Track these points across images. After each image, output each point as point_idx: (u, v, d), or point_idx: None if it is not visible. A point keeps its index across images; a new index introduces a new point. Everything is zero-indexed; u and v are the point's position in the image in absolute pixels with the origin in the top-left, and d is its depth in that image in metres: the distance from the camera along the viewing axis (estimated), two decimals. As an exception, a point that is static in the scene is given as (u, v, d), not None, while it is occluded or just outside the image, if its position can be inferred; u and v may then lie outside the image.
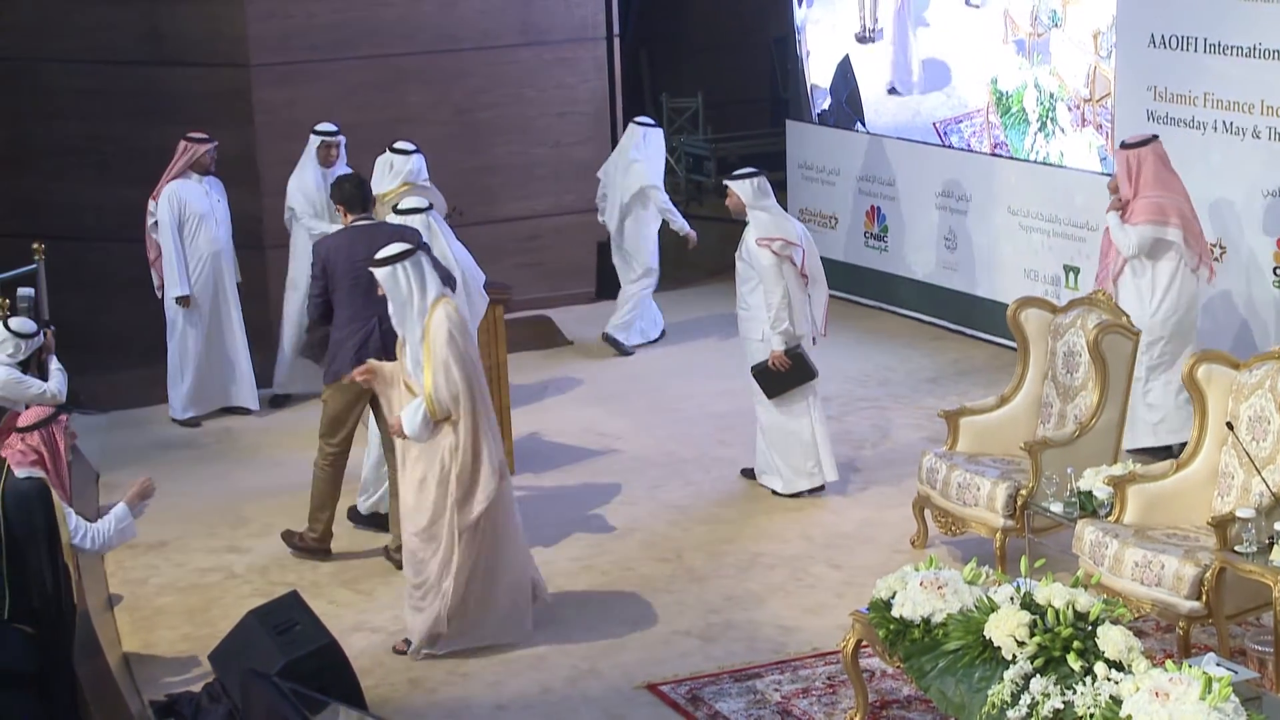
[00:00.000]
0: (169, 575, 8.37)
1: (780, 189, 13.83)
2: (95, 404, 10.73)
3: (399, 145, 10.02)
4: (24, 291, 9.33)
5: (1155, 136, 9.05)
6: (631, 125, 11.67)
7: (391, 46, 11.89)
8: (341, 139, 10.49)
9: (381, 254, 7.25)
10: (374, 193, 9.90)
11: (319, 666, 6.60)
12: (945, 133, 11.74)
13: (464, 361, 7.17)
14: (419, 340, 7.21)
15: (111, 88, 11.75)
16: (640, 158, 11.54)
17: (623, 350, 11.66)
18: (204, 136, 10.27)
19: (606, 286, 12.50)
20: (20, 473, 6.99)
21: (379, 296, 7.69)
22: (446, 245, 8.64)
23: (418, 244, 7.46)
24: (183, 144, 10.24)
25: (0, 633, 6.94)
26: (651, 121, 11.75)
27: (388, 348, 8.06)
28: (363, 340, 8.26)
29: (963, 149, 11.63)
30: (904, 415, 10.20)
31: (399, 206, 8.75)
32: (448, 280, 8.16)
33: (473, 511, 7.24)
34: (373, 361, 7.62)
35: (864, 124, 12.37)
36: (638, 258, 11.69)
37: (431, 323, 7.17)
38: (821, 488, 8.99)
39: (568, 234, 12.74)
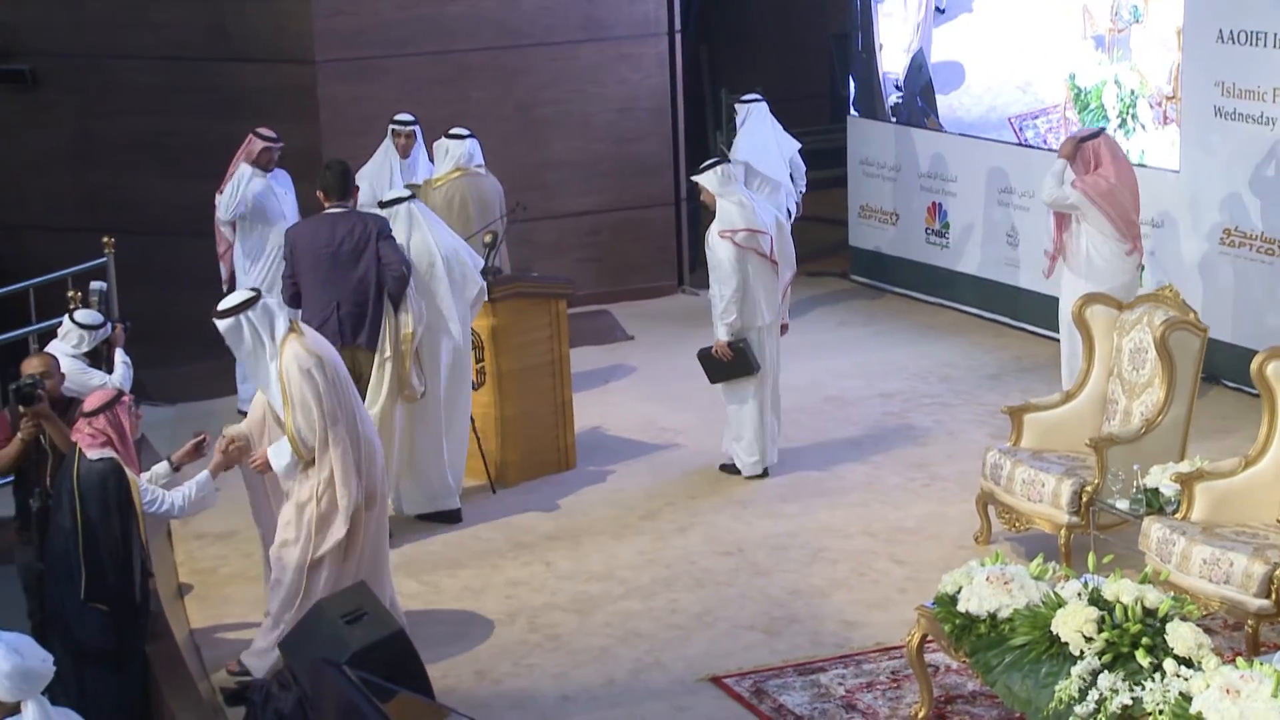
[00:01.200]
0: (237, 565, 8.46)
1: (840, 185, 13.88)
2: (163, 396, 10.85)
3: (454, 131, 10.20)
4: (96, 285, 9.43)
5: (1103, 129, 9.73)
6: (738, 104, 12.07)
7: (455, 43, 11.97)
8: (413, 129, 10.58)
9: (222, 305, 7.08)
10: (430, 176, 10.07)
11: (388, 656, 6.64)
12: (1020, 128, 11.64)
13: (324, 395, 6.98)
14: (275, 381, 7.06)
15: (179, 83, 11.88)
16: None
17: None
18: (271, 135, 10.36)
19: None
20: (92, 455, 7.11)
21: (338, 281, 8.27)
22: (429, 233, 8.78)
23: (258, 293, 7.16)
24: (249, 137, 10.36)
25: (77, 612, 7.08)
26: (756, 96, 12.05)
27: (344, 332, 8.50)
28: (322, 322, 8.50)
29: (1024, 144, 11.56)
30: (966, 411, 10.19)
31: (382, 200, 8.98)
32: (398, 273, 8.45)
33: (321, 548, 7.12)
34: (230, 430, 7.41)
35: (937, 117, 12.29)
36: None
37: (282, 364, 7.01)
38: (764, 474, 9.26)
39: (629, 229, 12.79)
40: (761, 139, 11.99)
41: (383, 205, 8.89)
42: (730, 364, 9.11)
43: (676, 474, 9.44)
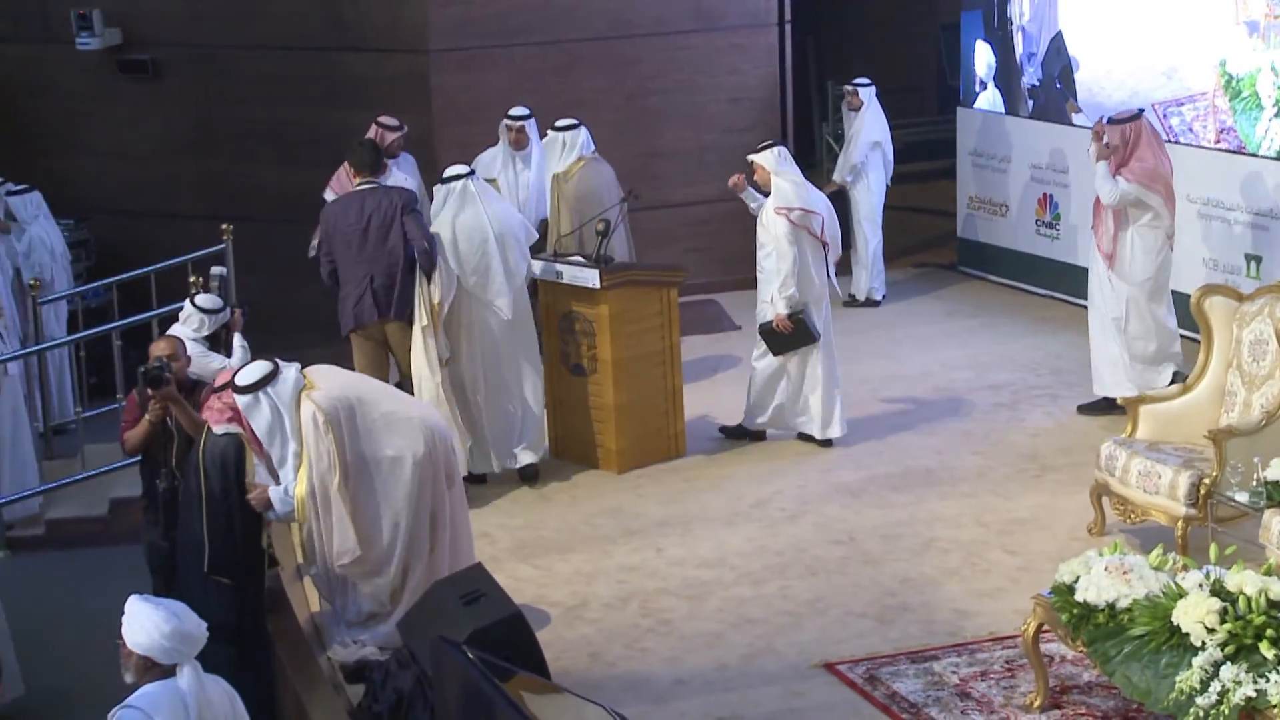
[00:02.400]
0: (353, 546, 8.58)
1: (949, 176, 13.82)
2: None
3: (563, 122, 10.35)
4: (217, 270, 9.62)
5: (1141, 111, 9.68)
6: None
7: (566, 33, 12.06)
8: (524, 123, 10.69)
9: (241, 380, 7.03)
10: (555, 170, 10.17)
11: (505, 636, 6.72)
12: (1165, 114, 11.46)
13: (348, 445, 6.97)
14: (291, 444, 7.05)
15: (295, 73, 12.07)
16: None
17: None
18: (394, 123, 10.54)
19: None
20: (218, 429, 7.24)
21: (371, 256, 8.65)
22: (483, 210, 9.06)
23: (275, 365, 7.08)
24: (373, 125, 10.53)
25: (201, 585, 7.23)
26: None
27: (379, 305, 8.95)
28: (357, 298, 8.99)
29: (1168, 133, 11.36)
30: (1077, 403, 10.11)
31: (443, 175, 9.23)
32: (421, 246, 8.78)
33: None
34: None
35: (1076, 100, 12.11)
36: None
37: (300, 422, 6.99)
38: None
39: (737, 220, 12.72)
40: (882, 121, 12.33)
41: (442, 181, 9.19)
42: (792, 336, 9.38)
43: (786, 463, 9.46)
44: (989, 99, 12.90)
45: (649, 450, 9.49)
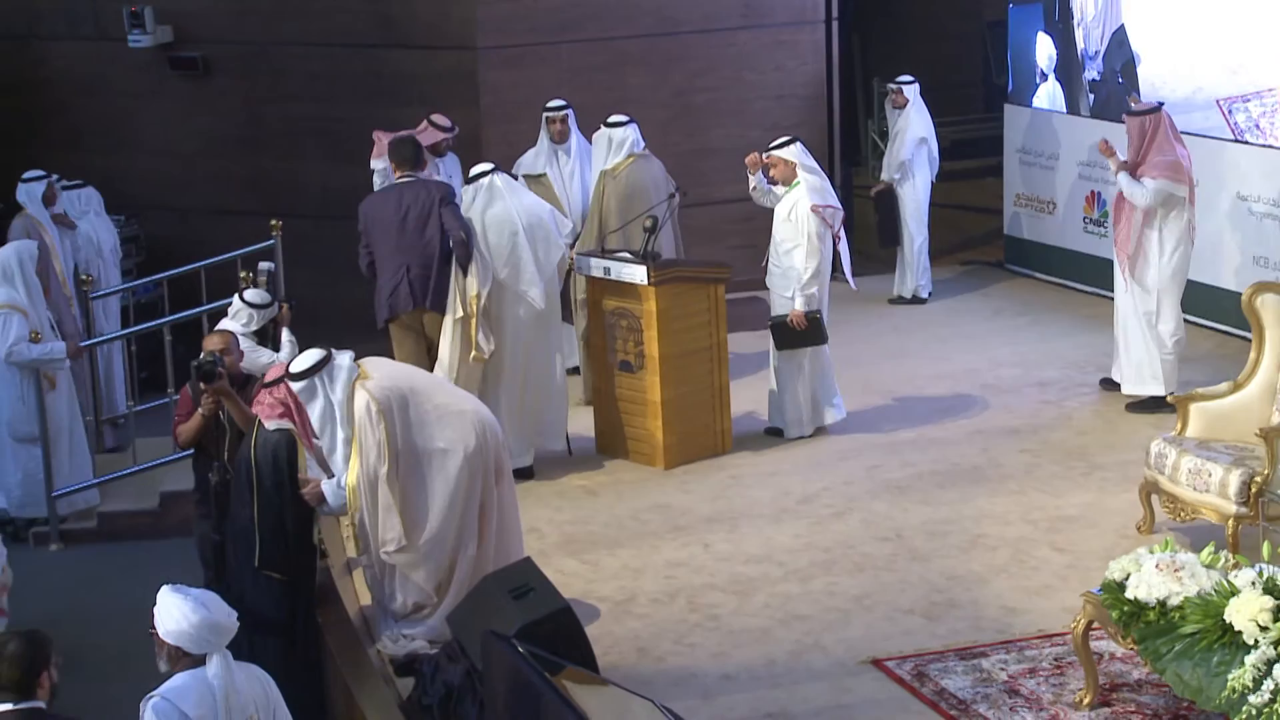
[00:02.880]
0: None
1: (994, 174, 13.78)
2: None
3: (614, 119, 10.36)
4: (265, 265, 9.70)
5: (1161, 104, 9.81)
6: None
7: (613, 29, 12.08)
8: (564, 114, 10.73)
9: (295, 368, 7.12)
10: (604, 167, 10.19)
11: (554, 630, 6.76)
12: (1230, 110, 11.35)
13: (400, 436, 7.04)
14: (342, 434, 7.15)
15: (342, 70, 12.14)
16: None
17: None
18: (447, 124, 10.60)
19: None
20: (270, 425, 7.30)
21: (408, 247, 8.83)
22: (511, 204, 9.20)
23: (329, 353, 7.17)
24: (424, 123, 10.59)
25: (253, 579, 7.29)
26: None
27: (415, 295, 9.08)
28: (393, 288, 9.12)
29: (1233, 131, 11.27)
30: (1125, 401, 10.07)
31: (469, 174, 9.37)
32: (458, 238, 8.93)
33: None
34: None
35: (1139, 95, 12.03)
36: None
37: (354, 412, 7.06)
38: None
39: (783, 217, 12.78)
40: (927, 119, 12.35)
41: (468, 180, 9.32)
42: (804, 333, 9.51)
43: (832, 460, 9.46)
44: (1049, 91, 12.82)
45: (696, 446, 9.50)
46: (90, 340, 10.62)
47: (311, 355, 7.14)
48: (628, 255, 9.50)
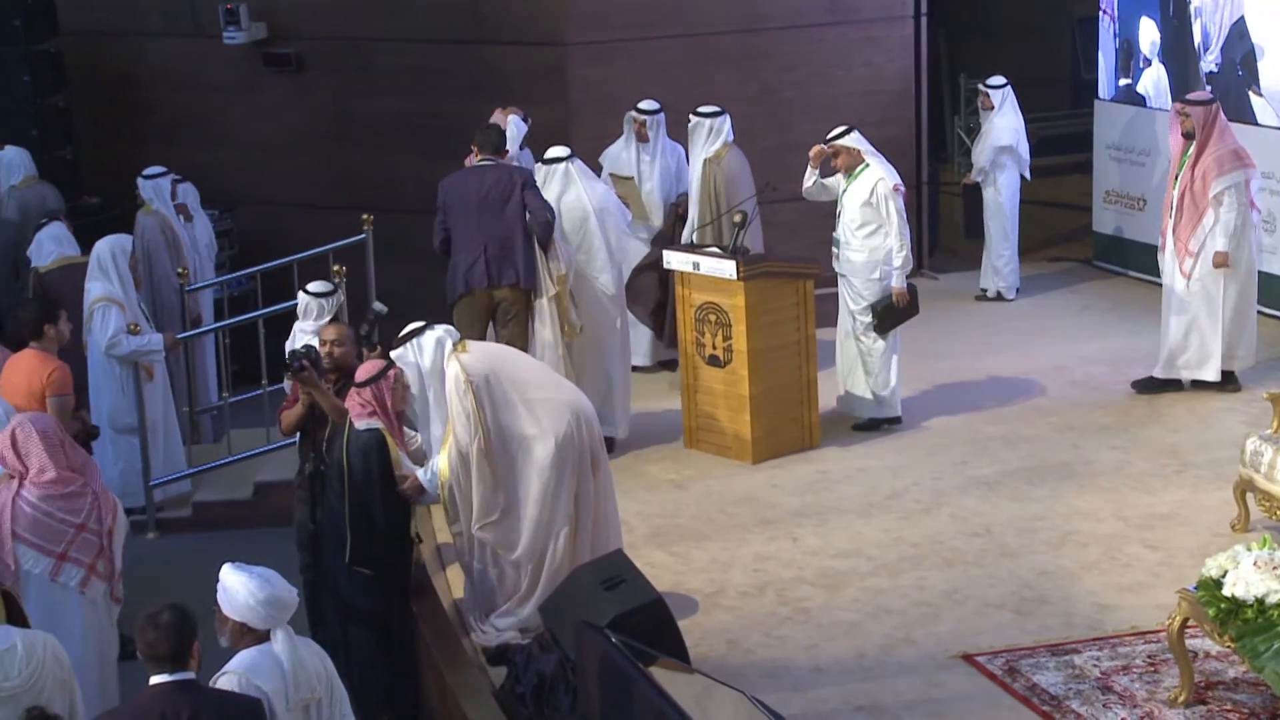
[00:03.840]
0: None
1: (1082, 170, 13.68)
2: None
3: (705, 109, 10.53)
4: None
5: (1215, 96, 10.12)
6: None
7: (702, 25, 12.10)
8: (648, 117, 10.80)
9: (402, 334, 7.45)
10: (705, 155, 10.35)
11: (646, 622, 6.82)
12: None
13: (486, 411, 7.18)
14: (435, 405, 7.41)
15: (433, 65, 12.23)
16: None
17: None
18: (520, 115, 10.71)
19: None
20: (360, 425, 7.41)
21: (486, 227, 9.08)
22: (583, 190, 9.56)
23: (424, 325, 7.52)
24: (498, 113, 10.72)
25: (346, 573, 7.40)
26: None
27: (490, 273, 9.27)
28: (469, 265, 9.33)
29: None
30: (1218, 399, 9.99)
31: (545, 156, 9.70)
32: (543, 219, 9.13)
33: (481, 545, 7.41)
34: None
35: (1259, 87, 11.88)
36: None
37: (447, 385, 7.27)
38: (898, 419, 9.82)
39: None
40: (1016, 122, 12.29)
41: (544, 162, 9.63)
42: (905, 309, 9.72)
43: (920, 455, 9.45)
44: (1153, 76, 12.68)
45: (783, 441, 9.53)
46: (186, 333, 10.79)
47: (410, 325, 7.41)
48: (717, 250, 9.54)
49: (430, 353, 7.40)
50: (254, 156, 12.86)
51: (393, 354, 7.39)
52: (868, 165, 9.74)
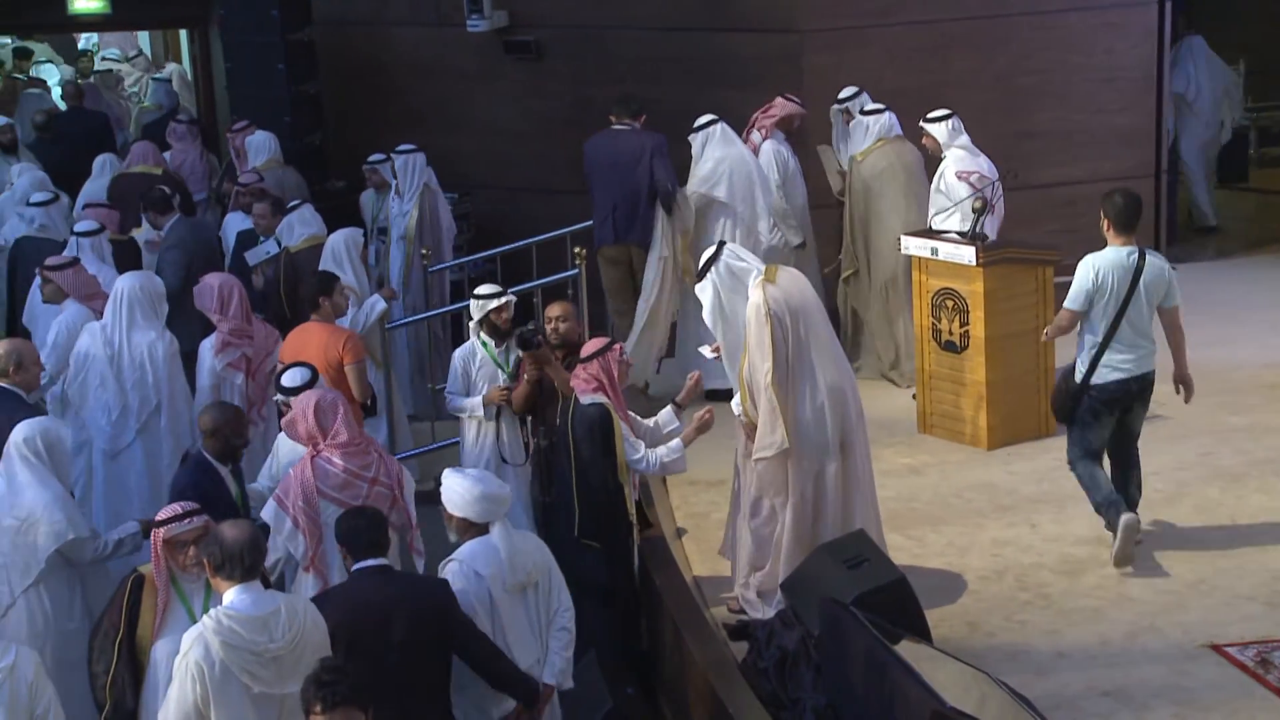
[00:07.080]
0: (727, 511, 8.81)
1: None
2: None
3: (871, 107, 10.68)
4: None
5: None
6: None
7: (939, 12, 12.04)
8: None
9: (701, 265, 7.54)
10: (854, 153, 10.58)
11: (890, 600, 6.86)
12: None
13: (779, 342, 7.20)
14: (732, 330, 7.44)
15: (669, 53, 12.38)
16: None
17: None
18: (797, 101, 10.82)
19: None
20: (585, 399, 7.58)
21: (616, 186, 9.96)
22: (742, 147, 10.26)
23: (722, 244, 7.61)
24: (780, 101, 10.82)
25: (575, 547, 7.58)
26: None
27: (618, 230, 10.20)
28: (602, 220, 10.27)
29: None
30: None
31: (696, 124, 10.32)
32: (664, 189, 9.95)
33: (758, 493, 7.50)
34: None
35: None
36: None
37: (748, 309, 7.32)
38: None
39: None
40: None
41: (696, 129, 10.30)
42: None
43: (1161, 445, 9.26)
44: None
45: (1019, 427, 9.47)
46: (428, 313, 11.10)
47: (705, 252, 7.59)
48: (956, 235, 9.52)
49: (729, 274, 7.40)
50: (492, 141, 13.16)
51: (697, 288, 7.51)
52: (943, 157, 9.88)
